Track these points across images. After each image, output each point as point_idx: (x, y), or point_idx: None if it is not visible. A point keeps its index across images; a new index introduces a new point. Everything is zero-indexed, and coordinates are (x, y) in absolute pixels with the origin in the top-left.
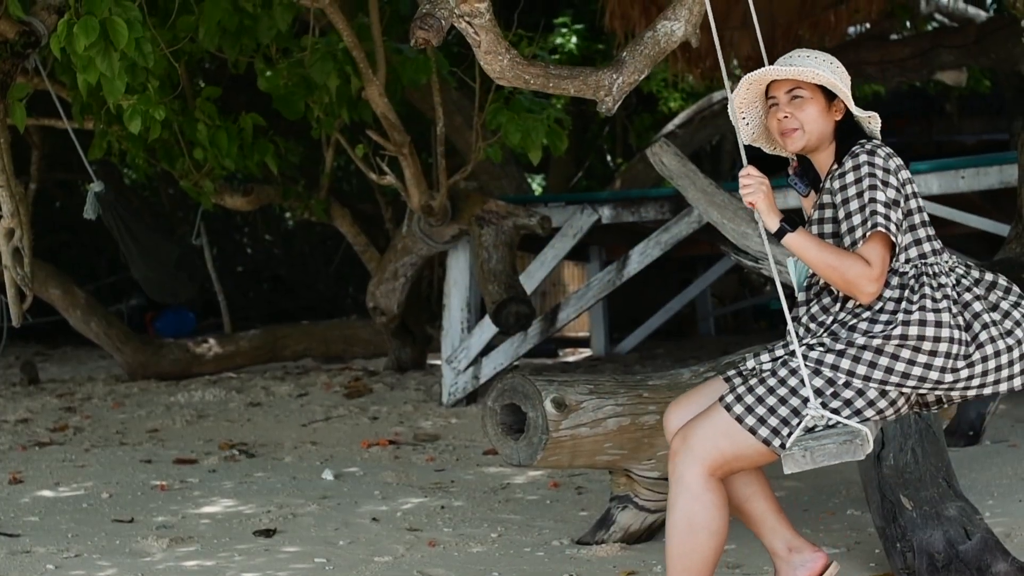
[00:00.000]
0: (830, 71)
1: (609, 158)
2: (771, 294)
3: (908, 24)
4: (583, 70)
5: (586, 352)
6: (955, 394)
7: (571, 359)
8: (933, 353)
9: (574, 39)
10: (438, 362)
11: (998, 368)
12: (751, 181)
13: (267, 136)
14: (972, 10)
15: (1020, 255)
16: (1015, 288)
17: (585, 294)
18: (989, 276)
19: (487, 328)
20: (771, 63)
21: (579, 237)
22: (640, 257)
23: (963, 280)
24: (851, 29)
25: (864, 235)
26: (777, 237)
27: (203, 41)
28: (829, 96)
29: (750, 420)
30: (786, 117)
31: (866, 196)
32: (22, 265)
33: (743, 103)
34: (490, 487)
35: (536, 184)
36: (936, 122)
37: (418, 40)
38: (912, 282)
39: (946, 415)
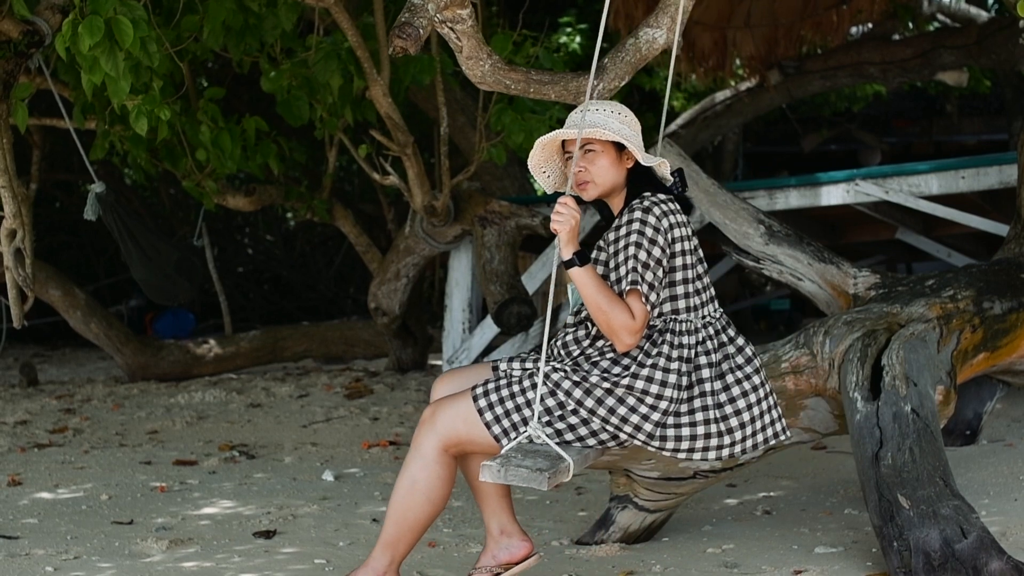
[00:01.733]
0: (619, 122)
1: None
2: (771, 295)
3: (910, 24)
4: (563, 76)
5: None
6: (664, 454)
7: None
8: (653, 407)
9: (578, 39)
10: (439, 362)
11: (707, 435)
12: (565, 212)
13: (270, 137)
14: (974, 10)
15: (1019, 255)
16: (755, 361)
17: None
18: (740, 341)
19: (488, 328)
20: (772, 64)
21: (581, 238)
22: None
23: (708, 341)
24: (853, 29)
25: (625, 288)
26: (566, 266)
27: (207, 40)
28: (620, 147)
29: (488, 415)
30: (580, 170)
31: (631, 251)
32: (23, 266)
33: (542, 158)
34: None
35: (538, 185)
36: (936, 122)
37: (396, 49)
38: (656, 335)
39: (944, 414)
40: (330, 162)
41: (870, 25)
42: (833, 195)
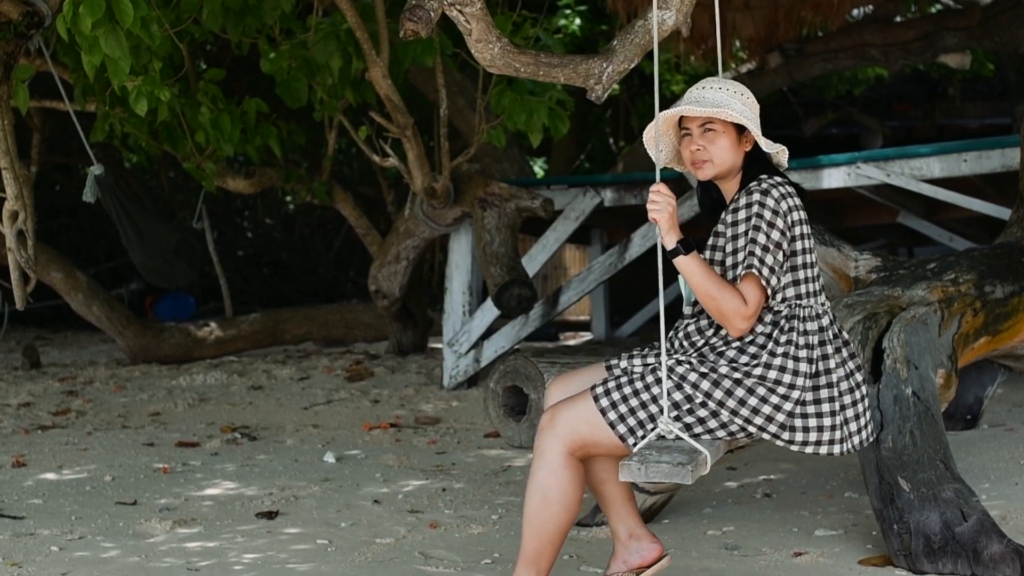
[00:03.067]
0: (741, 103)
1: (611, 141)
2: None
3: (912, 6)
4: (573, 58)
5: (587, 336)
6: (784, 443)
7: (572, 343)
8: (785, 398)
9: (577, 20)
10: (439, 345)
11: (832, 427)
12: (660, 199)
13: (270, 119)
14: None
15: (1021, 239)
16: (858, 357)
17: (586, 277)
18: (845, 336)
19: (489, 311)
20: (773, 46)
21: (581, 220)
22: (642, 240)
23: (829, 329)
24: (854, 11)
25: (741, 273)
26: (671, 256)
27: (207, 22)
28: (740, 128)
29: (612, 415)
30: (698, 149)
31: (750, 235)
32: (25, 247)
33: (658, 132)
34: (491, 469)
35: (538, 167)
36: (939, 106)
37: (407, 32)
38: (783, 322)
39: (944, 398)
40: (330, 144)
41: (871, 7)
42: (834, 178)
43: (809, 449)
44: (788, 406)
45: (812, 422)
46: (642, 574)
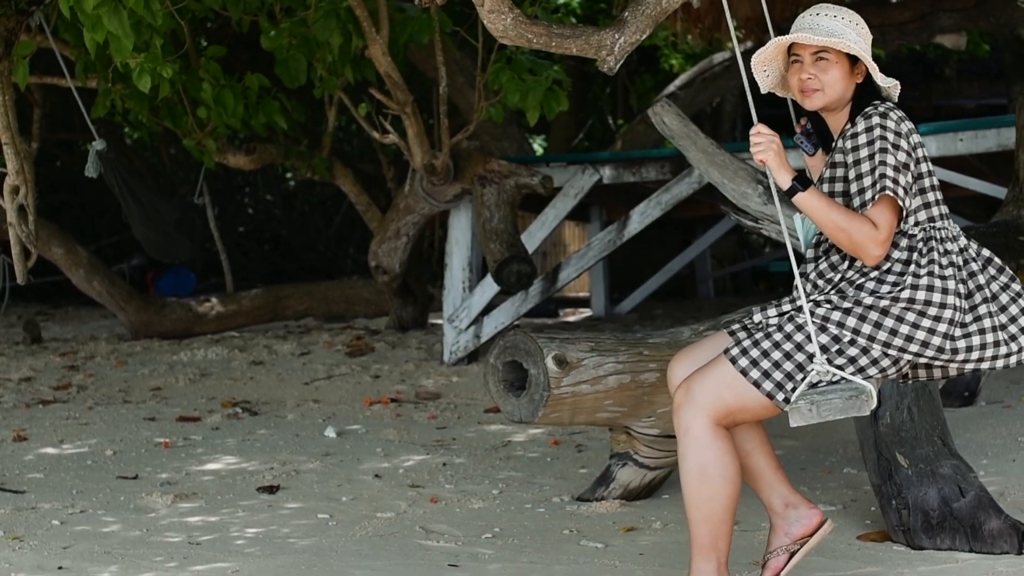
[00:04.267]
0: (856, 34)
1: (610, 119)
2: (770, 256)
3: None
4: (585, 29)
5: (586, 312)
6: (952, 367)
7: (571, 319)
8: (937, 319)
9: None
10: (439, 321)
11: (996, 343)
12: (762, 139)
13: (272, 95)
14: None
15: (1017, 217)
16: (1007, 269)
17: (586, 254)
18: (986, 252)
19: (488, 287)
20: (766, 30)
21: (580, 197)
22: (641, 217)
23: (967, 250)
24: None
25: (873, 197)
26: (788, 195)
27: None
28: (853, 58)
29: (755, 373)
30: (809, 78)
31: (876, 159)
32: (27, 222)
33: (767, 57)
34: (491, 444)
35: (537, 144)
36: (935, 86)
37: (423, 1)
38: (920, 245)
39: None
40: (330, 121)
41: None
42: None
43: (970, 366)
44: (943, 327)
45: (976, 340)
46: (807, 543)
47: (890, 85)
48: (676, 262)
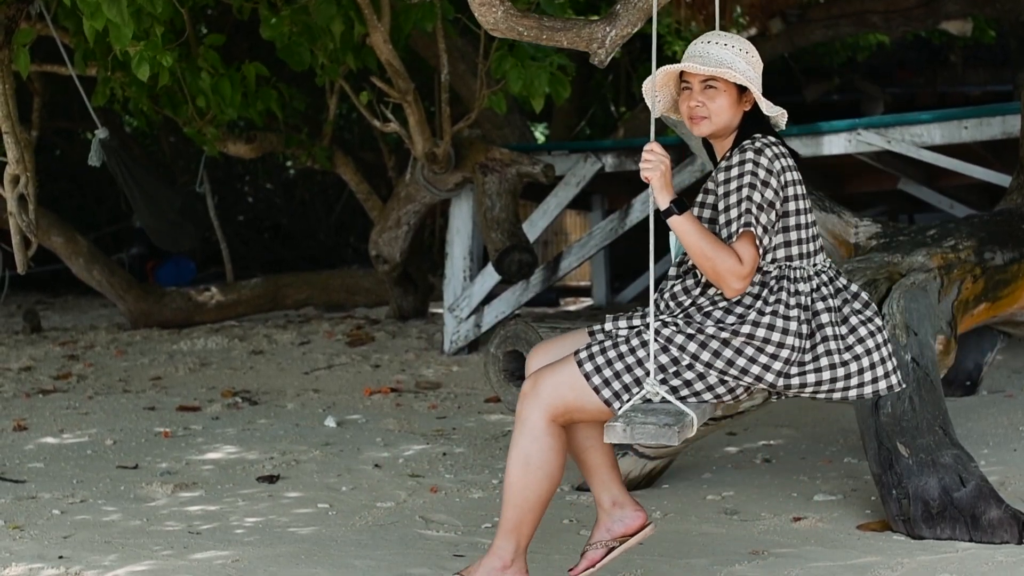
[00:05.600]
0: (745, 62)
1: (612, 107)
2: None
3: None
4: (576, 22)
5: (587, 301)
6: (790, 393)
7: (572, 308)
8: (774, 356)
9: None
10: (440, 310)
11: (832, 380)
12: (653, 157)
13: (271, 83)
14: None
15: (1021, 205)
16: (872, 305)
17: (587, 243)
18: (854, 288)
19: (489, 276)
20: (775, 12)
21: (582, 186)
22: (643, 206)
23: (824, 288)
24: None
25: (737, 230)
26: (664, 216)
27: None
28: (742, 87)
29: (596, 379)
30: (697, 105)
31: (744, 193)
32: (27, 212)
33: (659, 83)
34: (491, 434)
35: (539, 132)
36: (940, 72)
37: None
38: (772, 283)
39: (943, 364)
40: (330, 109)
41: None
42: (835, 144)
43: (808, 391)
44: (778, 365)
45: (811, 378)
46: (626, 542)
47: (776, 114)
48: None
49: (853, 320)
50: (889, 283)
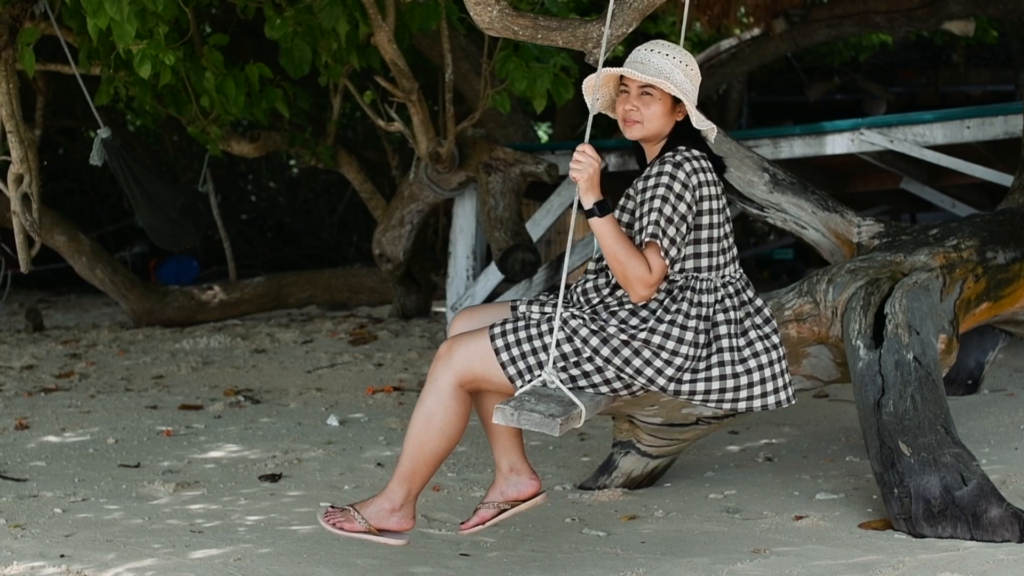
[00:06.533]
0: (684, 74)
1: None
2: (774, 243)
3: None
4: (571, 22)
5: None
6: (682, 398)
7: None
8: (668, 362)
9: None
10: (443, 309)
11: (722, 390)
12: (583, 159)
13: (275, 82)
14: None
15: (1023, 205)
16: (773, 322)
17: (590, 242)
18: (758, 303)
19: (492, 275)
20: (778, 12)
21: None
22: None
23: (728, 300)
24: None
25: (644, 240)
26: (586, 216)
27: None
28: (677, 98)
29: (504, 356)
30: (632, 109)
31: (656, 204)
32: (30, 211)
33: (600, 83)
34: None
35: (542, 132)
36: (943, 72)
37: None
38: (677, 291)
39: (945, 363)
40: (334, 109)
41: None
42: (838, 144)
43: (697, 399)
44: (670, 371)
45: (700, 386)
46: (517, 506)
47: (706, 128)
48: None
49: (752, 334)
50: (892, 282)
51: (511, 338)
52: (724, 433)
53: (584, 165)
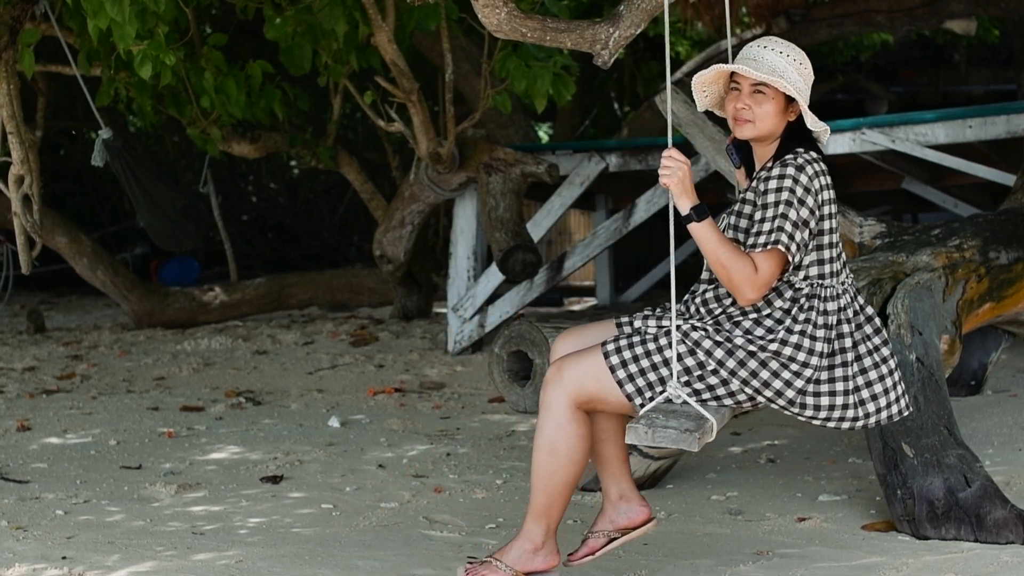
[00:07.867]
0: (797, 73)
1: (616, 106)
2: None
3: None
4: (580, 23)
5: (591, 301)
6: (801, 419)
7: (576, 308)
8: (797, 374)
9: None
10: (444, 310)
11: (844, 406)
12: (672, 164)
13: (275, 83)
14: None
15: None
16: (884, 333)
17: (591, 243)
18: (869, 311)
19: (493, 276)
20: (779, 11)
21: (586, 185)
22: (647, 206)
23: (848, 308)
24: None
25: (765, 244)
26: (684, 222)
27: None
28: (790, 97)
29: (621, 373)
30: (744, 108)
31: (780, 209)
32: (31, 212)
33: (708, 78)
34: (495, 434)
35: (543, 132)
36: (944, 72)
37: None
38: (803, 300)
39: (948, 364)
40: (334, 109)
41: None
42: (839, 144)
43: (817, 423)
44: (799, 383)
45: (824, 400)
46: (627, 535)
47: (820, 130)
48: (682, 250)
49: (864, 346)
50: (894, 282)
51: (627, 354)
52: (727, 435)
53: (673, 169)
